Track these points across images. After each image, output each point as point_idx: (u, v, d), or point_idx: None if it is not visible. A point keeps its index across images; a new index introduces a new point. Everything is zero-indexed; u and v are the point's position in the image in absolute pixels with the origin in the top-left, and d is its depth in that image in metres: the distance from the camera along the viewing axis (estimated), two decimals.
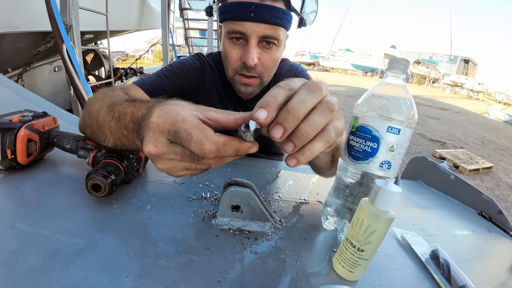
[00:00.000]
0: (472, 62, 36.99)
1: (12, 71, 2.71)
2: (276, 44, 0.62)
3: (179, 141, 0.25)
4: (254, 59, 0.60)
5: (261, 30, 0.58)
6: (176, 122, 0.24)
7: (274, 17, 0.57)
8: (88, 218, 0.37)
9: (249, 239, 0.38)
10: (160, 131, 0.25)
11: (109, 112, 0.37)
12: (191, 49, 7.30)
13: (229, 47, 0.63)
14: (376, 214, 0.30)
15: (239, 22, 0.58)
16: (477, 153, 4.75)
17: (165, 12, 4.74)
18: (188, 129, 0.24)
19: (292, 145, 0.25)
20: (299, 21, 0.69)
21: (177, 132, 0.24)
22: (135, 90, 0.64)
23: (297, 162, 0.26)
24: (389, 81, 0.37)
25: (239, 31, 0.59)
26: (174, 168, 0.28)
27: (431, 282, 0.36)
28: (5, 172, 0.43)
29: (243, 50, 0.61)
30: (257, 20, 0.57)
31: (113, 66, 4.63)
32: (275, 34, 0.60)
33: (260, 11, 0.56)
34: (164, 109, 0.26)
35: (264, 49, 0.62)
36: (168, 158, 0.27)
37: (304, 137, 0.25)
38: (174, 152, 0.26)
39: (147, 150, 0.26)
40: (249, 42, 0.59)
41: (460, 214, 0.63)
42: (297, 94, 0.25)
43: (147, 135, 0.26)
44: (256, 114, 0.24)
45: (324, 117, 0.25)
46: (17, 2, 2.13)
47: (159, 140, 0.26)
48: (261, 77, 0.65)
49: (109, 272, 0.29)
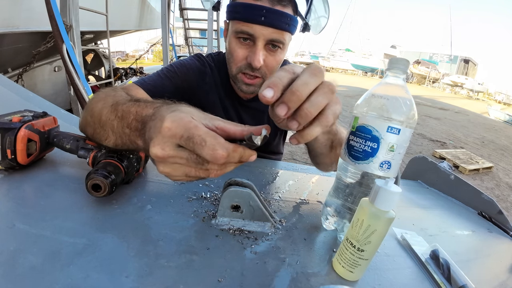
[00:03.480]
0: (472, 62, 36.97)
1: (12, 71, 2.71)
2: (281, 47, 0.64)
3: (191, 146, 0.26)
4: (260, 61, 0.61)
5: (269, 33, 0.59)
6: (190, 128, 0.26)
7: (283, 23, 0.59)
8: (88, 218, 0.37)
9: (249, 239, 0.38)
10: (171, 135, 0.26)
11: (112, 111, 0.37)
12: (191, 49, 7.29)
13: (235, 46, 0.64)
14: (376, 214, 0.30)
15: (248, 24, 0.59)
16: (477, 153, 4.75)
17: (165, 12, 4.74)
18: (202, 135, 0.26)
19: (297, 123, 0.28)
20: (303, 25, 0.70)
21: (191, 137, 0.26)
22: (135, 90, 0.65)
23: (297, 142, 0.30)
24: (389, 81, 0.37)
25: (248, 33, 0.60)
26: (174, 172, 0.29)
27: (431, 282, 0.36)
28: (5, 172, 0.43)
29: (250, 51, 0.63)
30: (267, 24, 0.58)
31: (113, 66, 4.63)
32: (282, 38, 0.61)
33: (270, 16, 0.57)
34: (177, 115, 0.27)
35: (270, 51, 0.63)
36: (172, 162, 0.28)
37: (307, 116, 0.27)
38: (180, 156, 0.27)
39: (154, 152, 0.27)
40: (256, 44, 0.61)
41: (460, 214, 0.63)
42: (300, 77, 0.27)
43: (156, 137, 0.27)
44: (263, 92, 0.26)
45: (326, 98, 0.28)
46: (17, 2, 2.13)
47: (167, 144, 0.27)
48: (264, 77, 0.67)
49: (109, 272, 0.29)
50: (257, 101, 0.79)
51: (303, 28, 0.70)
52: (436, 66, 32.95)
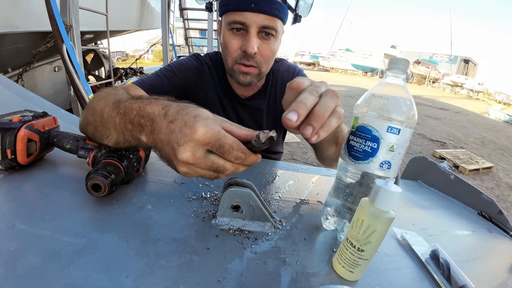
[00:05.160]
0: (472, 62, 36.95)
1: (12, 71, 2.71)
2: (274, 35, 0.65)
3: (221, 152, 0.29)
4: (254, 47, 0.63)
5: (260, 20, 0.62)
6: (221, 138, 0.29)
7: (273, 9, 0.61)
8: (88, 218, 0.37)
9: (249, 239, 0.38)
10: (204, 143, 0.29)
11: (114, 108, 0.38)
12: (191, 49, 7.29)
13: (229, 38, 0.65)
14: (376, 214, 0.30)
15: (239, 13, 0.61)
16: (477, 153, 4.75)
17: (165, 12, 4.75)
18: (231, 144, 0.29)
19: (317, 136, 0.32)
20: (294, 17, 0.73)
21: (222, 145, 0.29)
22: (135, 90, 0.65)
23: (318, 136, 0.33)
24: (389, 81, 0.37)
25: (240, 21, 0.62)
26: (193, 173, 0.31)
27: (431, 282, 0.36)
28: (5, 172, 0.43)
29: (243, 40, 0.64)
30: (257, 11, 0.60)
31: (113, 66, 4.63)
32: (274, 25, 0.63)
33: (260, 2, 0.60)
34: (208, 125, 0.29)
35: (263, 39, 0.65)
36: (195, 165, 0.30)
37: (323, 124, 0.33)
38: (204, 163, 0.30)
39: (185, 156, 0.29)
40: (249, 32, 0.63)
41: (460, 214, 0.63)
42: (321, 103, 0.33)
43: (187, 144, 0.29)
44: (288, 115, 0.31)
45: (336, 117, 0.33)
46: (17, 2, 2.13)
47: (199, 151, 0.29)
48: (259, 67, 0.68)
49: (109, 272, 0.29)
50: (255, 99, 0.79)
51: (294, 19, 0.73)
52: (436, 66, 32.94)
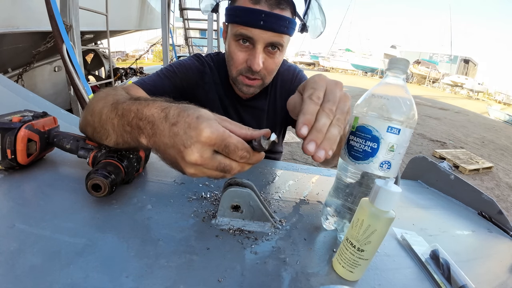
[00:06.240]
0: (472, 62, 36.95)
1: (12, 71, 2.71)
2: (280, 49, 0.64)
3: (226, 151, 0.30)
4: (260, 64, 0.62)
5: (268, 37, 0.60)
6: (226, 138, 0.29)
7: (281, 26, 0.59)
8: (88, 218, 0.37)
9: (249, 239, 0.38)
10: (210, 144, 0.29)
11: (113, 109, 0.37)
12: (191, 49, 7.29)
13: (235, 49, 0.64)
14: (376, 214, 0.30)
15: (247, 28, 0.60)
16: (477, 153, 4.75)
17: (165, 12, 4.74)
18: (236, 144, 0.30)
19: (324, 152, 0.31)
20: (301, 26, 0.70)
21: (228, 145, 0.30)
22: (135, 90, 0.65)
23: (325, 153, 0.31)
24: (389, 81, 0.37)
25: (247, 36, 0.60)
26: (200, 174, 0.32)
27: (431, 282, 0.36)
28: (5, 172, 0.43)
29: (249, 54, 0.63)
30: (266, 29, 0.59)
31: (113, 66, 4.62)
32: (281, 41, 0.62)
33: (269, 20, 0.58)
34: (213, 126, 0.29)
35: (269, 53, 0.64)
36: (203, 166, 0.31)
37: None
38: (212, 163, 0.30)
39: (193, 158, 0.29)
40: (256, 48, 0.61)
41: (460, 214, 0.63)
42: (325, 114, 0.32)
43: (194, 145, 0.29)
44: (301, 131, 0.31)
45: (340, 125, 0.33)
46: (17, 2, 2.13)
47: (206, 152, 0.30)
48: (263, 79, 0.68)
49: (109, 272, 0.29)
50: (256, 99, 0.79)
51: (301, 28, 0.70)
52: (436, 66, 32.93)
